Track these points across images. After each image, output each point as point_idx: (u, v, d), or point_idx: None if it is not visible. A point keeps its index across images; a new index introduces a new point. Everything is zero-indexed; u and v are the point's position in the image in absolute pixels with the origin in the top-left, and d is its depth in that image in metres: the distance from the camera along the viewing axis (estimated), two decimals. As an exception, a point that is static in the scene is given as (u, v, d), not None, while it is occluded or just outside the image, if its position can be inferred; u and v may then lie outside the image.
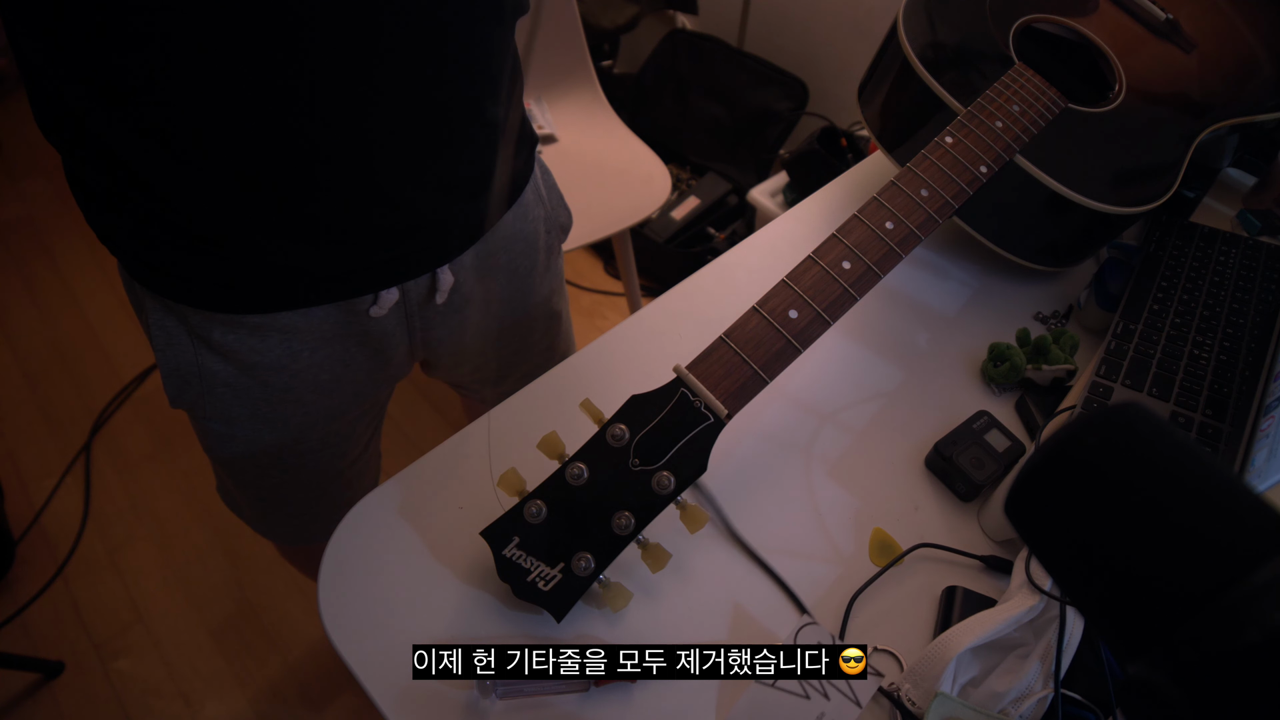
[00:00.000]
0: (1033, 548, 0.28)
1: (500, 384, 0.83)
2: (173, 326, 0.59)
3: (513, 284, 0.73)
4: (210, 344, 0.60)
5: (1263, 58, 0.82)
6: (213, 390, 0.62)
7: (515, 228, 0.70)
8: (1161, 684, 0.23)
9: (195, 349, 0.60)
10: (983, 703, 0.46)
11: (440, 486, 0.55)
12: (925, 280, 0.75)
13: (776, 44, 1.91)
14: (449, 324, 0.69)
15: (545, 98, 1.48)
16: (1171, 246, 0.74)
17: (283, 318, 0.59)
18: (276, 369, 0.62)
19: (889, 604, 0.53)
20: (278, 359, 0.62)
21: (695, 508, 0.47)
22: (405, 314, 0.65)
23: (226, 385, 0.62)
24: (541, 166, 0.74)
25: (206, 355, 0.60)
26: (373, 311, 0.62)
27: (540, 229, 0.74)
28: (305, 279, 0.57)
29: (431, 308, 0.66)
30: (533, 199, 0.72)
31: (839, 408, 0.63)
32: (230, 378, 0.62)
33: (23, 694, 1.25)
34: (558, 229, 0.79)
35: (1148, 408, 0.26)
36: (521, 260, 0.72)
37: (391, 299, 0.62)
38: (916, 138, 0.71)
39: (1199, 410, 0.59)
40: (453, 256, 0.63)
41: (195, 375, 0.61)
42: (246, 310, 0.58)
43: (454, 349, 0.72)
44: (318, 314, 0.60)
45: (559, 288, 0.83)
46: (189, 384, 0.62)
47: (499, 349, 0.78)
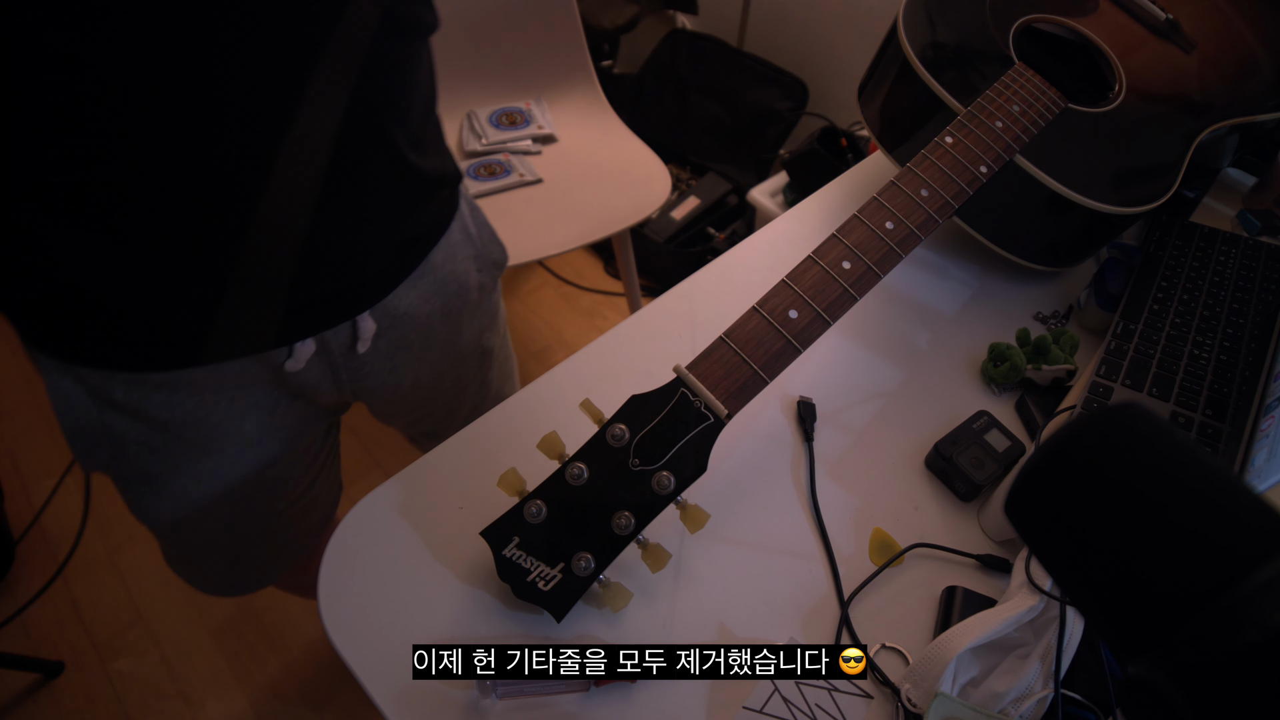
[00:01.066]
0: (1033, 548, 0.28)
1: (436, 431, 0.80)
2: (70, 387, 0.55)
3: (446, 326, 0.70)
4: (114, 403, 0.55)
5: (1263, 58, 0.82)
6: (125, 450, 0.58)
7: (445, 269, 0.66)
8: (1161, 684, 0.23)
9: (99, 409, 0.56)
10: (983, 703, 0.46)
11: (440, 486, 0.55)
12: (925, 280, 0.75)
13: (776, 44, 1.91)
14: (381, 372, 0.65)
15: (545, 98, 1.48)
16: (1171, 246, 0.74)
17: (189, 373, 0.55)
18: (192, 423, 0.58)
19: (889, 604, 0.53)
20: (191, 414, 0.58)
21: (695, 507, 0.47)
22: (329, 365, 0.61)
23: (139, 443, 0.58)
24: (469, 203, 0.70)
25: (112, 414, 0.56)
26: (288, 366, 0.58)
27: (471, 268, 0.70)
28: (210, 336, 0.53)
29: (356, 357, 0.62)
30: (460, 238, 0.68)
31: (839, 408, 0.63)
32: (141, 435, 0.58)
33: (23, 694, 1.25)
34: (490, 266, 0.75)
35: (1148, 408, 0.26)
36: (453, 301, 0.69)
37: (307, 352, 0.58)
38: (916, 138, 0.71)
39: (1199, 410, 0.59)
40: (369, 304, 0.59)
41: (103, 435, 0.57)
42: (147, 369, 0.54)
43: (390, 396, 0.69)
44: (231, 367, 0.56)
45: (489, 325, 0.79)
46: (98, 445, 0.58)
47: (434, 393, 0.75)
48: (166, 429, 0.58)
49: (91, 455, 0.59)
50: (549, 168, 1.38)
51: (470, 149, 1.39)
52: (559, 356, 1.74)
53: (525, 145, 1.40)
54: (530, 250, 1.23)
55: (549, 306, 1.88)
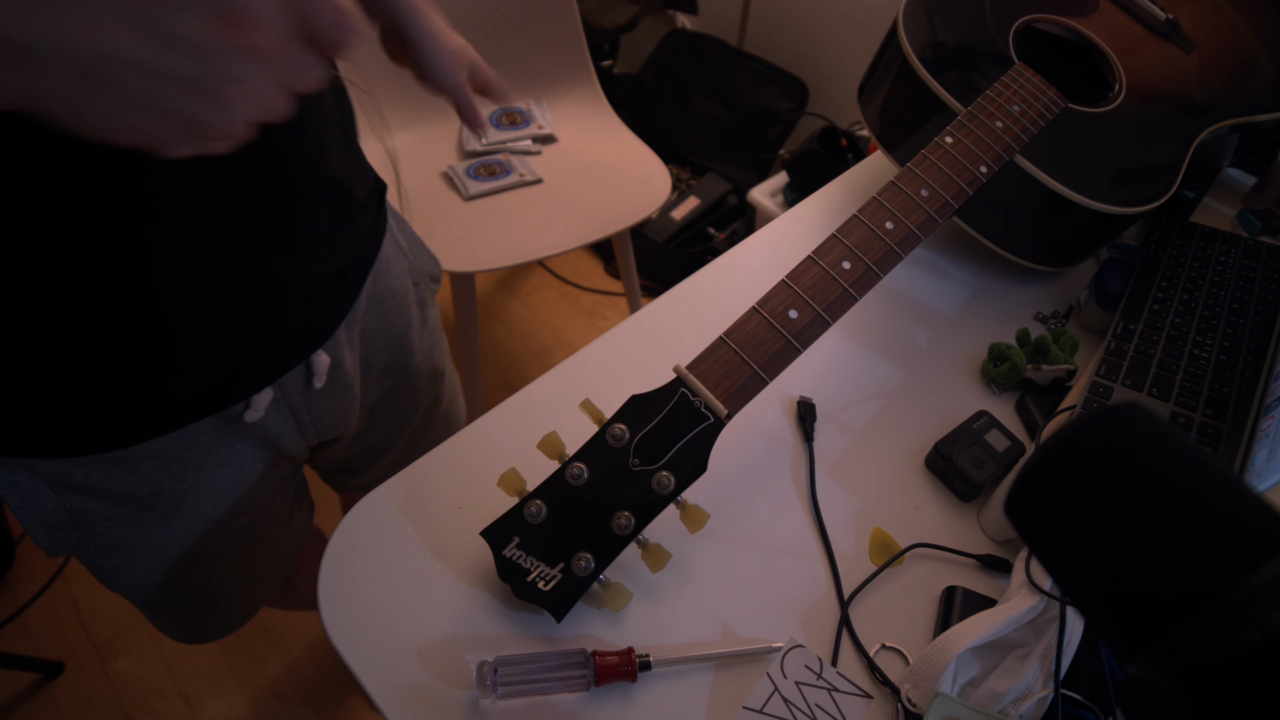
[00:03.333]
0: (1033, 548, 0.28)
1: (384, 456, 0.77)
2: (21, 480, 0.51)
3: (390, 346, 0.68)
4: (73, 487, 0.52)
5: (1263, 58, 0.82)
6: (94, 529, 0.55)
7: (380, 286, 0.64)
8: (1161, 684, 0.23)
9: (58, 495, 0.52)
10: (983, 703, 0.46)
11: (440, 486, 0.55)
12: (925, 280, 0.75)
13: (776, 44, 1.91)
14: (338, 406, 0.63)
15: (545, 98, 1.48)
16: (1171, 246, 0.74)
17: (148, 445, 0.52)
18: (159, 493, 0.56)
19: (889, 604, 0.53)
20: (157, 484, 0.55)
21: (695, 507, 0.47)
22: (289, 409, 0.59)
23: (108, 519, 0.55)
24: (395, 215, 0.67)
25: (73, 497, 0.53)
26: (247, 417, 0.56)
27: (407, 282, 0.68)
28: (161, 401, 0.50)
29: (314, 394, 0.60)
30: (393, 252, 0.65)
31: (839, 408, 0.63)
32: (109, 510, 0.55)
33: (23, 694, 1.25)
34: (427, 279, 0.72)
35: (1148, 408, 0.26)
36: (395, 319, 0.67)
37: (265, 400, 0.56)
38: (916, 138, 0.71)
39: (1199, 410, 0.59)
40: (321, 341, 0.57)
41: (68, 520, 0.54)
42: (103, 449, 0.51)
43: (347, 429, 0.67)
44: (189, 430, 0.53)
45: (439, 343, 0.77)
46: (64, 531, 0.54)
47: (384, 417, 0.73)
48: (134, 501, 0.55)
49: (59, 543, 0.55)
50: (549, 168, 1.38)
51: (470, 149, 1.39)
52: (559, 356, 1.74)
53: (525, 145, 1.40)
54: (530, 250, 1.23)
55: (549, 306, 1.88)
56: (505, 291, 1.90)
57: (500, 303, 1.88)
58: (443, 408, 0.81)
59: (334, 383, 0.61)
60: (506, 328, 1.83)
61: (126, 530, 0.57)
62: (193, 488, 0.57)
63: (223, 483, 0.59)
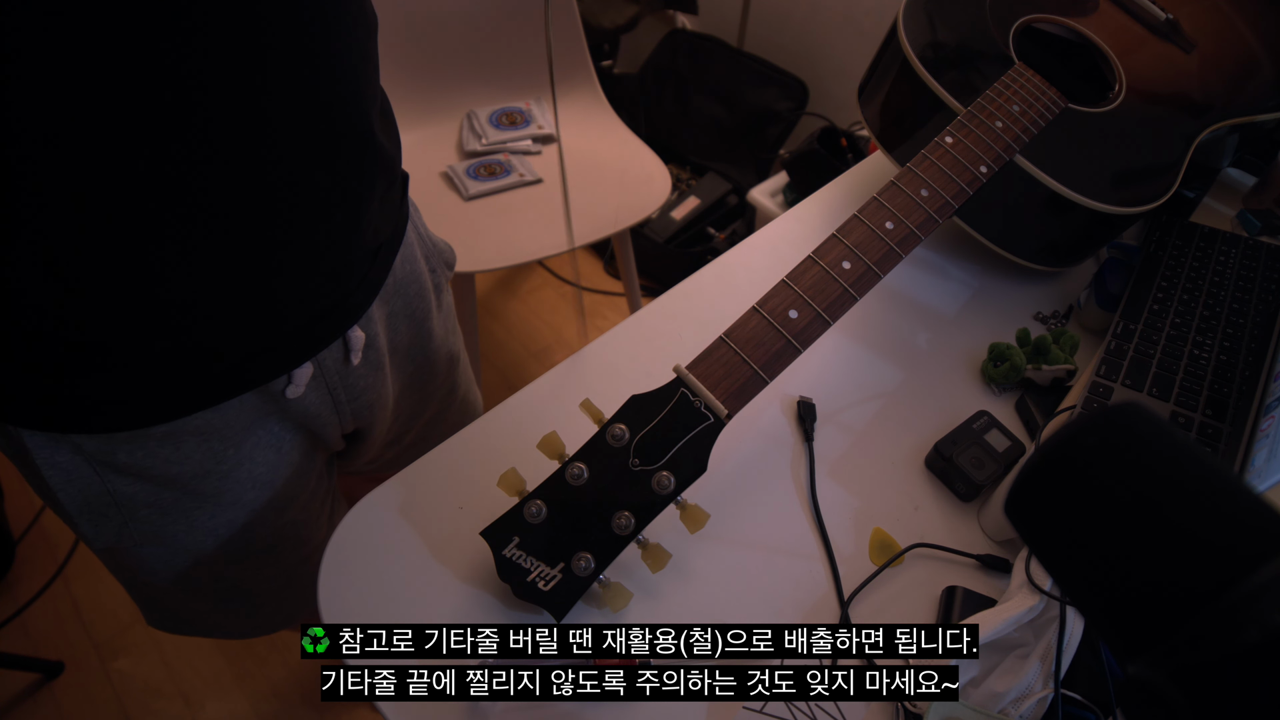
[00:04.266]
0: (1033, 548, 0.28)
1: (401, 440, 0.78)
2: (65, 460, 0.51)
3: (413, 330, 0.68)
4: (116, 467, 0.52)
5: (1263, 58, 0.82)
6: (135, 514, 0.55)
7: (405, 270, 0.64)
8: (1161, 684, 0.23)
9: (101, 476, 0.52)
10: (983, 703, 0.46)
11: (440, 486, 0.55)
12: (925, 280, 0.75)
13: (776, 44, 1.91)
14: (372, 384, 0.63)
15: (545, 98, 1.48)
16: (1171, 246, 0.74)
17: (193, 420, 0.52)
18: (202, 475, 0.55)
19: (889, 604, 0.53)
20: (200, 464, 0.55)
21: (695, 507, 0.47)
22: (326, 388, 0.59)
23: (150, 505, 0.55)
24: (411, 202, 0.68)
25: (116, 479, 0.53)
26: (289, 393, 0.56)
27: (425, 268, 0.69)
28: (206, 374, 0.51)
29: (351, 372, 0.60)
30: (414, 237, 0.66)
31: (839, 408, 0.63)
32: (151, 496, 0.55)
33: (23, 694, 1.25)
34: (443, 266, 0.73)
35: (1147, 408, 0.26)
36: (417, 304, 0.67)
37: (306, 375, 0.56)
38: (916, 138, 0.71)
39: (1199, 410, 0.59)
40: (358, 316, 0.57)
41: (110, 504, 0.54)
42: (149, 423, 0.50)
43: (382, 410, 0.67)
44: (232, 405, 0.53)
45: (454, 328, 0.78)
46: (107, 516, 0.54)
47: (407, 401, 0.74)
48: (176, 484, 0.55)
49: (101, 527, 0.55)
50: (549, 168, 1.38)
51: (470, 149, 1.39)
52: (559, 356, 1.74)
53: (525, 145, 1.40)
54: (530, 250, 1.23)
55: (549, 306, 1.88)
56: (505, 291, 1.90)
57: (500, 303, 1.88)
58: (460, 393, 0.82)
59: (368, 361, 0.62)
60: (506, 328, 1.83)
61: (170, 519, 0.57)
62: (234, 469, 0.57)
63: (264, 467, 0.59)
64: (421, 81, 1.39)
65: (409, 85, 1.38)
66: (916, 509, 0.58)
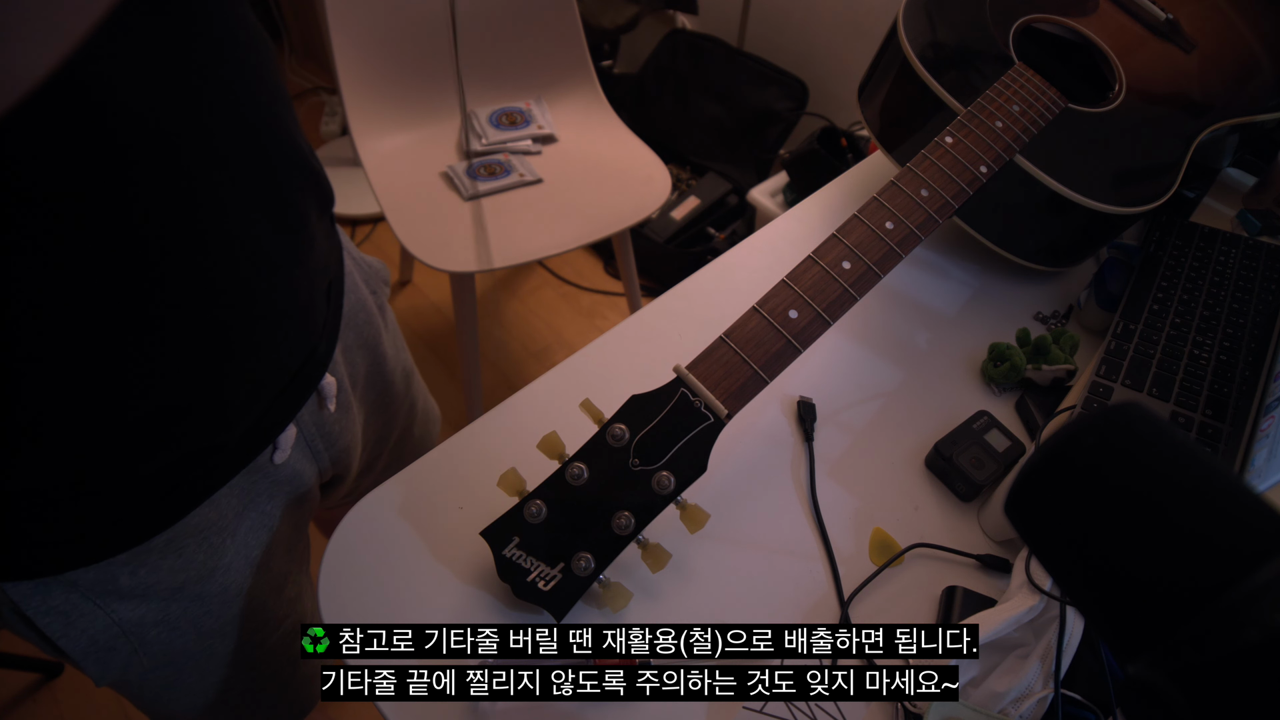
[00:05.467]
0: (1033, 548, 0.28)
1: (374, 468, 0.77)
2: (60, 603, 0.47)
3: (368, 358, 0.67)
4: (119, 593, 0.49)
5: (1263, 58, 0.82)
6: (144, 639, 0.52)
7: (351, 301, 0.63)
8: (1161, 684, 0.23)
9: (104, 608, 0.49)
10: (983, 703, 0.46)
11: (440, 486, 0.55)
12: (925, 280, 0.75)
13: (776, 44, 1.91)
14: (346, 426, 0.63)
15: (545, 98, 1.48)
16: (1171, 246, 0.74)
17: (190, 519, 0.50)
18: (205, 577, 0.53)
19: (889, 604, 0.53)
20: (203, 566, 0.53)
21: (695, 507, 0.47)
22: (305, 441, 0.58)
23: (159, 624, 0.52)
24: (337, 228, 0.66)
25: (120, 607, 0.49)
26: (276, 458, 0.54)
27: (366, 292, 0.67)
28: (200, 468, 0.48)
29: (325, 420, 0.59)
30: (350, 264, 0.64)
31: (839, 408, 0.63)
32: (159, 615, 0.52)
33: (23, 694, 1.25)
34: (380, 284, 0.71)
35: (1147, 408, 0.26)
36: (368, 331, 0.66)
37: (290, 438, 0.55)
38: (916, 138, 0.71)
39: (1199, 410, 0.59)
40: (329, 362, 0.56)
41: (119, 636, 0.50)
42: (150, 535, 0.48)
43: (356, 449, 0.67)
44: (222, 494, 0.52)
45: (401, 343, 0.76)
46: (115, 650, 0.51)
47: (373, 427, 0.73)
48: (182, 594, 0.52)
49: (109, 666, 0.51)
50: (549, 168, 1.38)
51: (470, 149, 1.39)
52: (559, 356, 1.74)
53: (525, 145, 1.40)
54: (530, 250, 1.23)
55: (549, 306, 1.88)
56: (505, 291, 1.90)
57: (500, 303, 1.88)
58: (419, 406, 0.82)
59: (339, 403, 0.61)
60: (506, 328, 1.83)
61: (179, 635, 0.54)
62: (234, 562, 0.55)
63: (260, 549, 0.57)
64: (421, 81, 1.39)
65: (409, 85, 1.38)
66: (916, 509, 0.58)
